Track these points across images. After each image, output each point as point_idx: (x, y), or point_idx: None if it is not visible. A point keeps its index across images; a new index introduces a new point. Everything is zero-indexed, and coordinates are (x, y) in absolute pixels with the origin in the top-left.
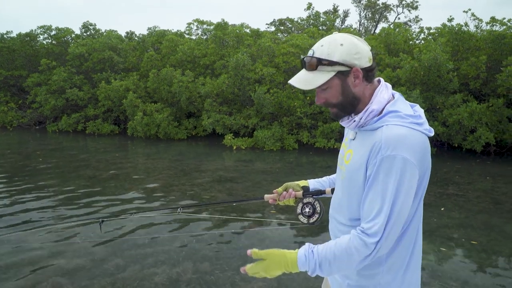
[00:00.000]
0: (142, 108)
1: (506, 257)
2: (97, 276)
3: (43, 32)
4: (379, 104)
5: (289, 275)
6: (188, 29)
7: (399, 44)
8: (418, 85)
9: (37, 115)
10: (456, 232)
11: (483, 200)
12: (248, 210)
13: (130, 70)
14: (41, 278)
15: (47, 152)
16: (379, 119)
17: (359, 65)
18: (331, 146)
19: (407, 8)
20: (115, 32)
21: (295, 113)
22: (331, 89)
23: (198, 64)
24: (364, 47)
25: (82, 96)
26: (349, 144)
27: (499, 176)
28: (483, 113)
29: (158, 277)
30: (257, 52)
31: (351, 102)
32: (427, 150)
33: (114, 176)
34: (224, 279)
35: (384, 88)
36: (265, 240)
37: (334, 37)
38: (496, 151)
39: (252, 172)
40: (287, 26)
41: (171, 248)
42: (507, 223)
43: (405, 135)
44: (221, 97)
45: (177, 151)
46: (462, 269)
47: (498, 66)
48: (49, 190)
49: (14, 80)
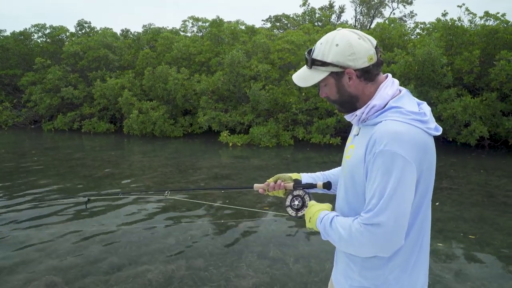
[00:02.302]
0: (138, 106)
1: (498, 249)
2: (90, 273)
3: (38, 30)
4: (381, 99)
5: (282, 271)
6: (183, 27)
7: (394, 39)
8: (412, 80)
9: (32, 114)
10: (449, 225)
11: (476, 193)
12: (243, 204)
13: (126, 68)
14: (34, 276)
15: (43, 151)
16: (380, 114)
17: (353, 66)
18: (327, 142)
19: (402, 3)
20: (110, 30)
21: (291, 109)
22: (329, 87)
23: (194, 61)
24: (364, 46)
25: (77, 95)
26: (353, 140)
27: (493, 169)
28: (477, 107)
29: (151, 274)
30: (252, 49)
31: (348, 100)
32: (428, 148)
33: (109, 174)
34: (218, 275)
35: (390, 84)
36: (259, 235)
37: (334, 35)
38: (490, 144)
39: (248, 168)
40: (282, 23)
41: (165, 245)
42: (499, 216)
43: (401, 131)
44: (216, 94)
45: (173, 148)
46: (454, 262)
47: (491, 60)
48: (43, 189)
49: (8, 79)
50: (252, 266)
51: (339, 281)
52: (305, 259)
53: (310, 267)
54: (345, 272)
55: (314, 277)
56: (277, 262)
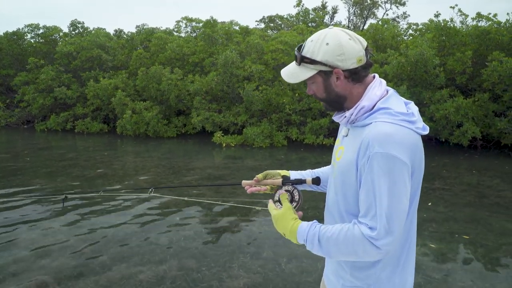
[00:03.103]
0: (131, 106)
1: (490, 249)
2: (82, 273)
3: (31, 30)
4: (370, 100)
5: (275, 271)
6: (177, 27)
7: (387, 40)
8: (405, 80)
9: (25, 114)
10: (441, 225)
11: (468, 194)
12: (236, 204)
13: (119, 69)
14: (25, 276)
15: (35, 151)
16: (369, 115)
17: (342, 66)
18: (320, 142)
19: (395, 4)
20: (104, 30)
21: (284, 109)
22: (316, 85)
23: (187, 62)
24: (354, 47)
25: (70, 95)
26: (342, 141)
27: (485, 170)
28: (469, 108)
29: (143, 275)
30: (246, 49)
31: (335, 100)
32: (418, 148)
33: (102, 174)
34: (210, 276)
35: (377, 84)
36: (252, 236)
37: (325, 33)
38: (482, 145)
39: (241, 169)
40: (276, 23)
41: (157, 245)
42: (491, 216)
43: (392, 132)
44: (210, 94)
45: (167, 149)
46: (446, 262)
47: (484, 61)
48: (34, 187)
49: (1, 79)
50: (244, 267)
51: (331, 280)
52: (298, 259)
53: (302, 267)
54: (336, 272)
55: (307, 277)
56: (269, 262)
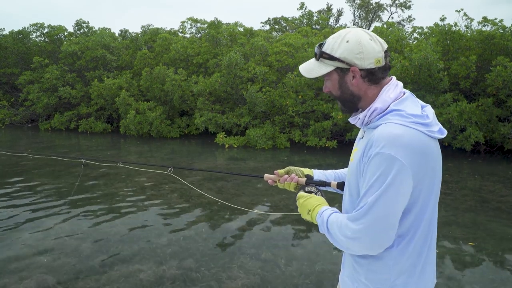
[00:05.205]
0: (135, 107)
1: (491, 254)
2: (82, 272)
3: (36, 29)
4: (383, 102)
5: (274, 272)
6: (181, 28)
7: (391, 43)
8: (409, 84)
9: (29, 113)
10: (442, 230)
11: (470, 199)
12: (237, 204)
13: (123, 69)
14: (26, 275)
15: (39, 150)
16: (381, 117)
17: (359, 65)
18: (323, 145)
19: (400, 7)
20: (109, 30)
21: (287, 112)
22: (332, 82)
23: (191, 63)
24: (374, 47)
25: (74, 94)
26: (357, 143)
27: (488, 175)
28: (472, 112)
29: (143, 274)
30: (250, 51)
31: (349, 99)
32: (429, 151)
33: (104, 174)
34: (209, 276)
35: (393, 86)
36: (252, 237)
37: (347, 32)
38: (486, 150)
39: (244, 170)
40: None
41: (157, 245)
42: (493, 221)
43: (400, 134)
44: (213, 95)
45: (170, 149)
46: (448, 266)
47: (488, 65)
48: (38, 188)
49: (6, 77)
50: (243, 268)
51: (346, 283)
52: (297, 261)
53: (301, 269)
54: (351, 275)
55: (305, 279)
56: (268, 264)
